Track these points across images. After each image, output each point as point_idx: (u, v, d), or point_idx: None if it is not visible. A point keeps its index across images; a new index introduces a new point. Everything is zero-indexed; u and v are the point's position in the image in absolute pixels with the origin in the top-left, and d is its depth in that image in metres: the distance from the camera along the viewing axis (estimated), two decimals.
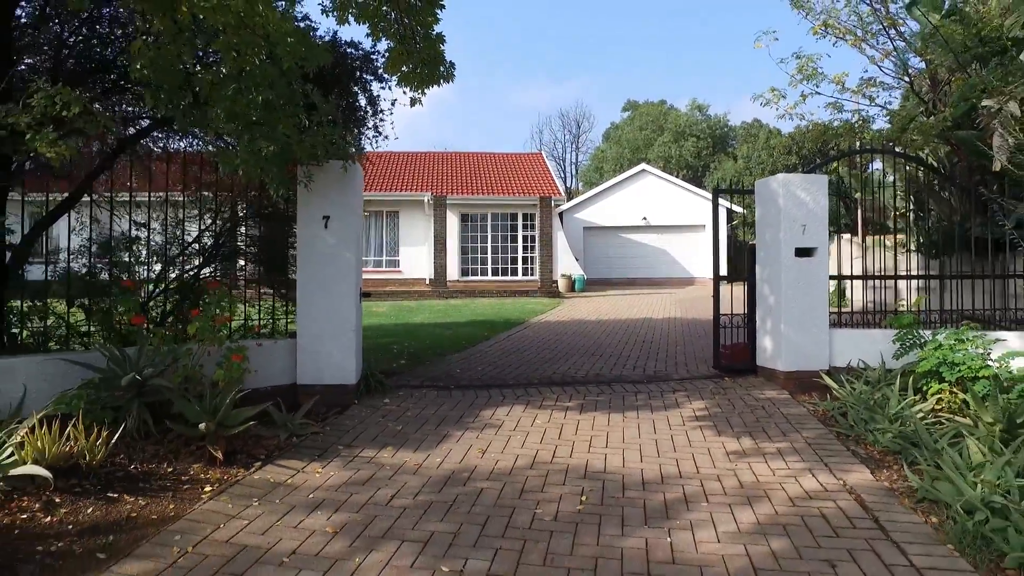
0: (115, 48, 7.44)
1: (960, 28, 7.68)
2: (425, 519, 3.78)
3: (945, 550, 3.34)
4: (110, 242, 6.12)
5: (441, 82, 7.22)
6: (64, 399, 4.32)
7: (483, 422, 5.67)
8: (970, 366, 5.46)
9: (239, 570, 3.19)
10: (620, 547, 3.43)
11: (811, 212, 6.79)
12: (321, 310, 6.01)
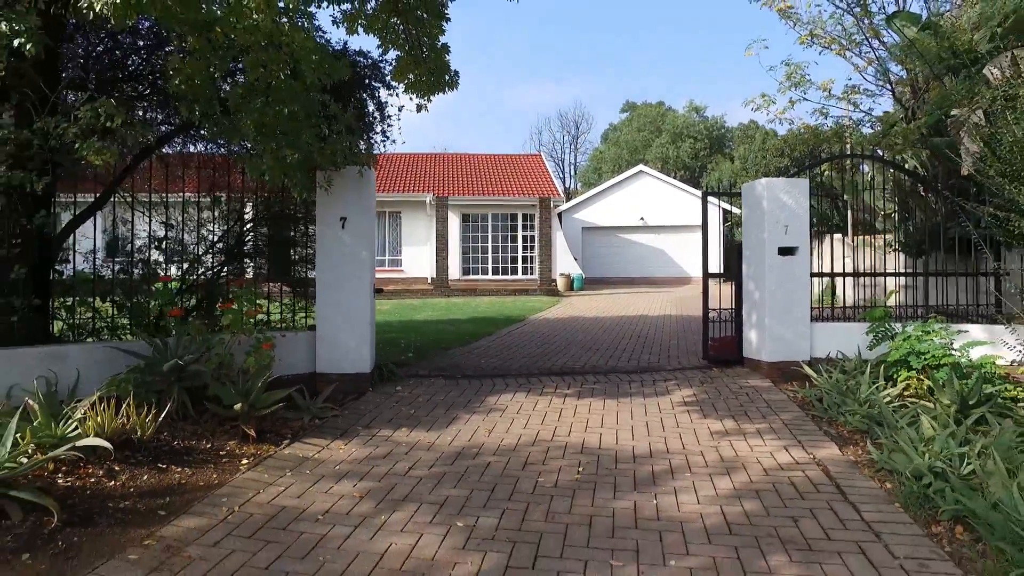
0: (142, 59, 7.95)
1: (934, 41, 8.18)
2: (440, 486, 4.27)
3: (893, 508, 3.84)
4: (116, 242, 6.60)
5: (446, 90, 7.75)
6: (115, 382, 4.81)
7: (488, 407, 6.17)
8: (934, 355, 5.97)
9: (281, 525, 3.69)
10: (612, 507, 3.93)
11: (793, 213, 7.29)
12: (339, 304, 6.51)
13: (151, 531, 3.55)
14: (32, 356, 4.93)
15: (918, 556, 3.28)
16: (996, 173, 5.86)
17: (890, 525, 3.62)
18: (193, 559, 3.28)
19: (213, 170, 7.07)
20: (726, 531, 3.60)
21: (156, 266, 6.93)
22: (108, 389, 4.70)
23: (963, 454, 4.06)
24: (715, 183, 34.28)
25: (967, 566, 3.16)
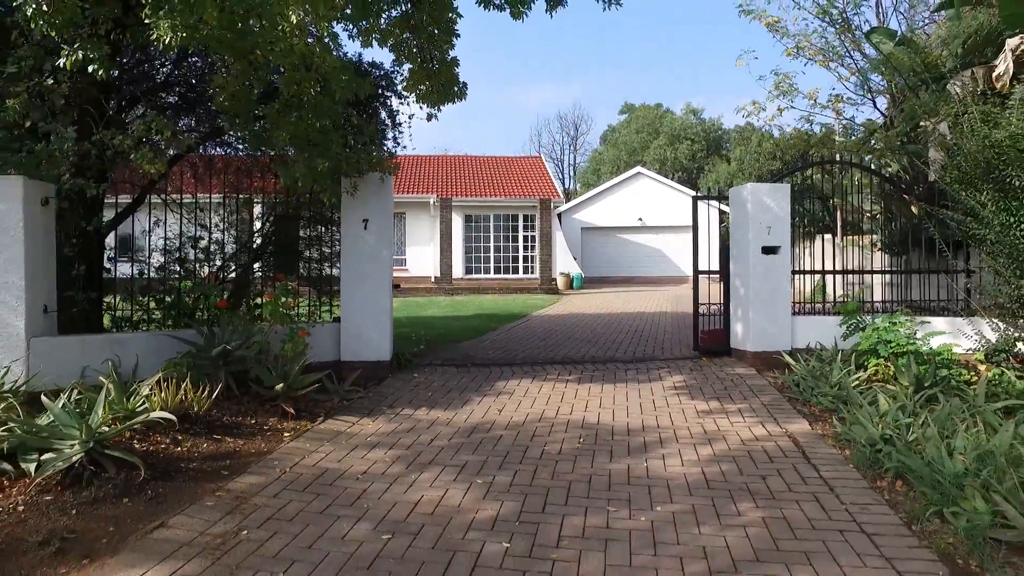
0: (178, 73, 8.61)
1: (907, 56, 8.85)
2: (459, 454, 4.93)
3: (848, 468, 4.51)
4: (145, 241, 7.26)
5: (455, 100, 8.44)
6: (172, 365, 5.47)
7: (498, 390, 6.83)
8: (899, 344, 6.64)
9: (327, 482, 4.35)
10: (608, 469, 4.59)
11: (775, 216, 7.95)
12: (361, 298, 7.17)
13: (219, 485, 4.22)
14: (100, 342, 5.59)
15: (861, 502, 3.94)
16: (953, 180, 6.52)
17: (843, 481, 4.29)
18: (259, 506, 3.95)
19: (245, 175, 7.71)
20: (704, 486, 4.27)
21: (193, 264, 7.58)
22: (167, 371, 5.36)
23: (909, 424, 4.73)
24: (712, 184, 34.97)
25: (897, 508, 3.83)
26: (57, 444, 4.12)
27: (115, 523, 3.64)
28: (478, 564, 3.26)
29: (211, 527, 3.65)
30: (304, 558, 3.32)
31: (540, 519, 3.79)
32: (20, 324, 5.20)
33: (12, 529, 3.48)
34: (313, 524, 3.72)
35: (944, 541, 3.41)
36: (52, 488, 3.92)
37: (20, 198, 5.21)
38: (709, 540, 3.51)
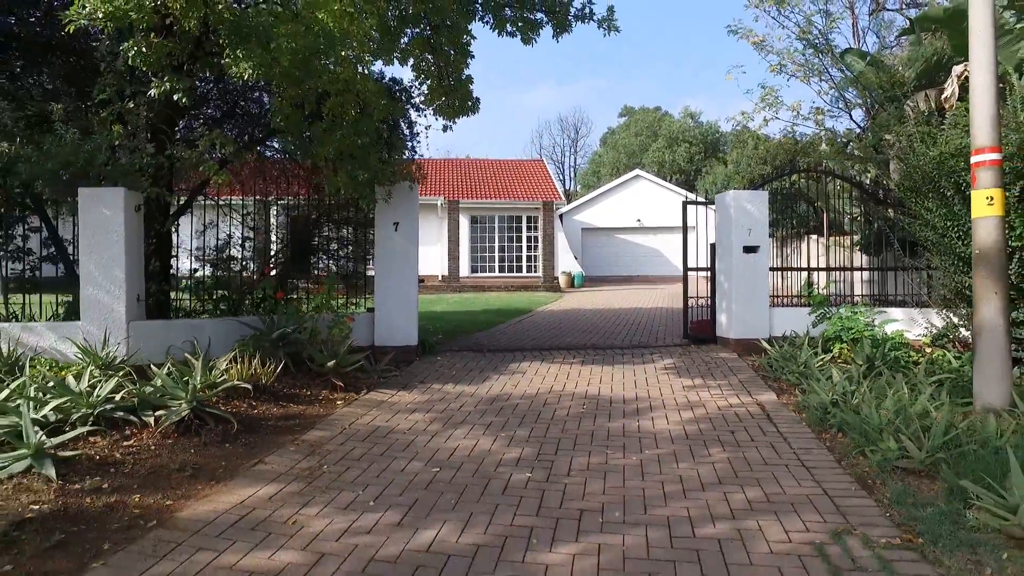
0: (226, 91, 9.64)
1: (875, 76, 9.91)
2: (484, 416, 5.98)
3: (802, 426, 5.56)
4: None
5: (469, 114, 9.52)
6: (241, 345, 6.52)
7: (511, 370, 7.88)
8: (858, 330, 7.70)
9: (381, 435, 5.40)
10: (607, 426, 5.64)
11: (755, 219, 9.00)
12: (392, 291, 8.22)
13: (295, 437, 5.28)
14: (180, 325, 6.65)
15: (806, 447, 4.99)
16: (906, 189, 7.57)
17: (796, 434, 5.34)
18: (330, 451, 5.00)
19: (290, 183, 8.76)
20: (684, 438, 5.32)
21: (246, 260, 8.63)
22: (239, 350, 6.41)
23: (853, 391, 5.78)
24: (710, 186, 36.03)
25: (834, 451, 4.89)
26: (169, 402, 5.18)
27: (225, 460, 4.70)
28: (509, 486, 4.31)
29: (298, 464, 4.70)
30: (375, 483, 4.37)
31: (553, 459, 4.84)
32: (122, 310, 6.26)
33: (154, 460, 4.53)
34: (376, 462, 4.77)
35: (861, 470, 4.46)
36: (170, 435, 4.97)
37: (122, 206, 6.27)
38: (684, 471, 4.56)
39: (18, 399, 4.83)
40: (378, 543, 3.52)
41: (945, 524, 3.54)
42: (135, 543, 3.48)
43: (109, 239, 6.25)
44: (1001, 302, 5.27)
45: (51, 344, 6.23)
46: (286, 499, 4.09)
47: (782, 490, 4.20)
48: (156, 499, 4.02)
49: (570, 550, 3.44)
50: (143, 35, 6.23)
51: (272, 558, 3.35)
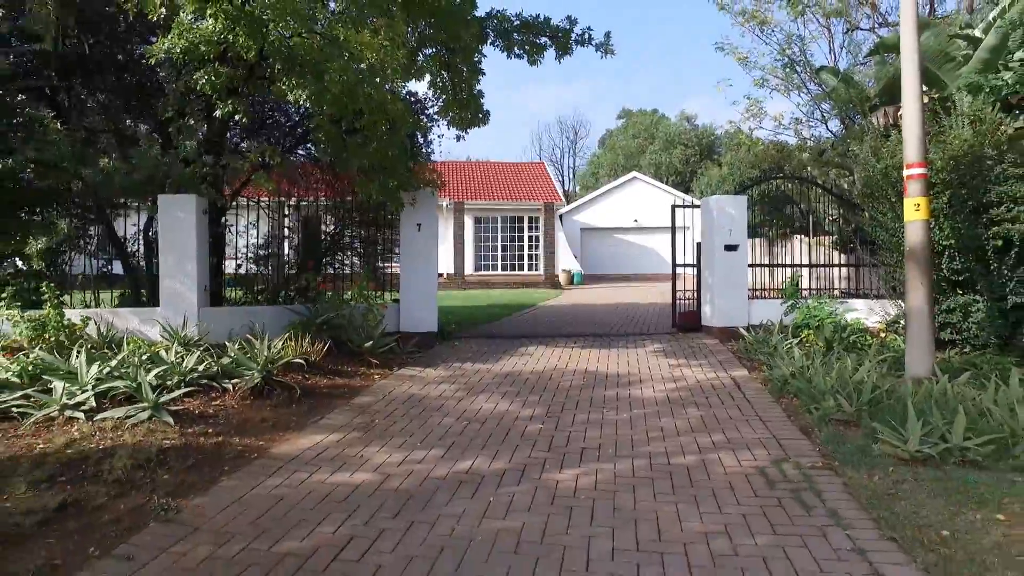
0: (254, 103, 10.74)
1: (844, 92, 11.06)
2: (500, 387, 7.12)
3: (764, 393, 6.70)
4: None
5: (480, 125, 10.63)
6: (291, 328, 7.65)
7: (521, 353, 9.03)
8: (822, 318, 8.84)
9: (416, 401, 6.54)
10: (603, 394, 6.79)
11: (735, 221, 10.13)
12: (415, 284, 9.35)
13: (346, 401, 6.42)
14: (239, 312, 7.79)
15: (765, 408, 6.14)
16: (864, 195, 8.72)
17: (758, 399, 6.49)
18: (377, 411, 6.14)
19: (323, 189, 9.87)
20: (666, 401, 6.47)
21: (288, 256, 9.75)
22: (291, 333, 7.54)
23: (808, 366, 6.93)
24: (704, 187, 37.20)
25: (787, 410, 6.03)
26: (244, 372, 6.31)
27: (294, 416, 5.84)
28: (525, 433, 5.46)
29: (353, 419, 5.84)
30: (418, 432, 5.51)
31: (560, 415, 5.99)
32: (194, 298, 7.39)
33: (240, 415, 5.67)
34: (416, 419, 5.92)
35: (805, 422, 5.61)
36: (246, 398, 6.10)
37: (193, 210, 7.41)
38: (665, 423, 5.71)
39: (123, 368, 5.97)
40: (428, 469, 4.66)
41: (856, 454, 4.69)
42: (246, 467, 4.62)
43: (183, 238, 7.39)
44: (927, 291, 6.42)
45: (135, 327, 7.36)
46: (350, 442, 5.24)
47: (740, 436, 5.35)
48: (251, 441, 5.16)
49: (574, 472, 4.58)
50: (211, 65, 7.36)
51: (351, 477, 4.49)
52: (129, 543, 3.50)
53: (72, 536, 3.54)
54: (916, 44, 6.37)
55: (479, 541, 3.56)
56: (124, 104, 8.47)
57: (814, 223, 15.32)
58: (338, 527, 3.74)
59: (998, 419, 4.80)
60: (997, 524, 3.57)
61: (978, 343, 7.38)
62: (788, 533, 3.60)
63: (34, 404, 5.42)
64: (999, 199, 6.92)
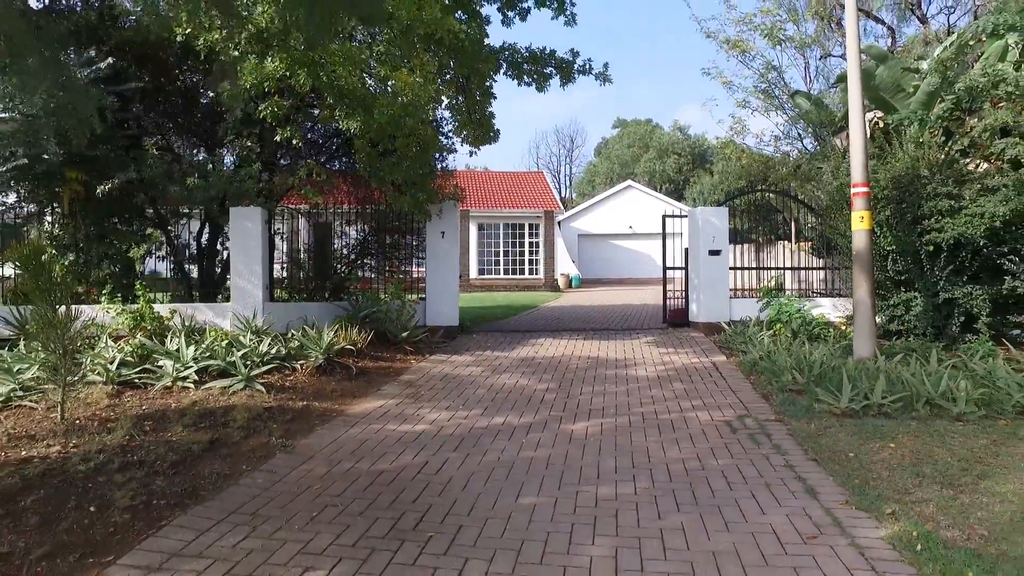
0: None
1: (815, 114, 12.53)
2: (518, 368, 8.51)
3: (737, 373, 8.11)
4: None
5: (491, 142, 12.04)
6: (338, 321, 9.02)
7: (532, 343, 10.42)
8: (791, 313, 10.26)
9: (450, 377, 7.92)
10: (604, 373, 8.19)
11: (718, 229, 11.56)
12: (439, 284, 10.74)
13: (394, 378, 7.80)
14: (294, 307, 9.17)
15: (736, 382, 7.55)
16: (827, 208, 10.16)
17: (732, 376, 7.89)
18: (420, 385, 7.52)
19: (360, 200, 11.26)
20: (656, 379, 7.87)
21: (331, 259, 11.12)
22: (341, 324, 8.91)
23: (773, 350, 8.34)
24: (697, 195, 38.74)
25: (753, 383, 7.45)
26: (308, 354, 7.68)
27: (356, 388, 7.22)
28: (543, 400, 6.85)
29: (403, 391, 7.22)
30: (458, 398, 6.90)
31: (570, 388, 7.38)
32: (259, 295, 8.77)
33: (313, 387, 7.05)
34: (453, 391, 7.30)
35: (766, 391, 7.02)
36: (313, 375, 7.47)
37: (259, 220, 8.79)
38: (655, 393, 7.11)
39: (211, 350, 7.34)
40: (472, 422, 6.04)
41: (801, 411, 6.10)
42: (331, 421, 6.00)
43: (251, 244, 8.76)
44: (869, 288, 7.84)
45: (210, 319, 8.73)
46: (405, 405, 6.62)
47: (714, 401, 6.76)
48: (328, 404, 6.54)
49: (584, 424, 5.98)
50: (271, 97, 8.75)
51: (414, 427, 5.88)
52: (266, 465, 4.87)
53: (227, 459, 4.91)
54: (860, 90, 7.83)
55: (519, 462, 4.95)
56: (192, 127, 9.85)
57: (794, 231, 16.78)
58: (414, 456, 5.12)
59: (909, 385, 6.22)
60: (887, 449, 4.98)
61: (918, 332, 8.80)
62: (741, 458, 5.00)
63: (152, 376, 6.79)
64: (930, 212, 8.35)
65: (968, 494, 4.08)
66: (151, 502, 4.08)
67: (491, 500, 4.22)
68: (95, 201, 8.61)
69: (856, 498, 4.11)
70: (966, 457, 4.74)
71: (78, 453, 4.73)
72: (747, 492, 4.31)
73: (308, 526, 3.82)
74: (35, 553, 3.38)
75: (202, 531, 3.74)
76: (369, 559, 3.43)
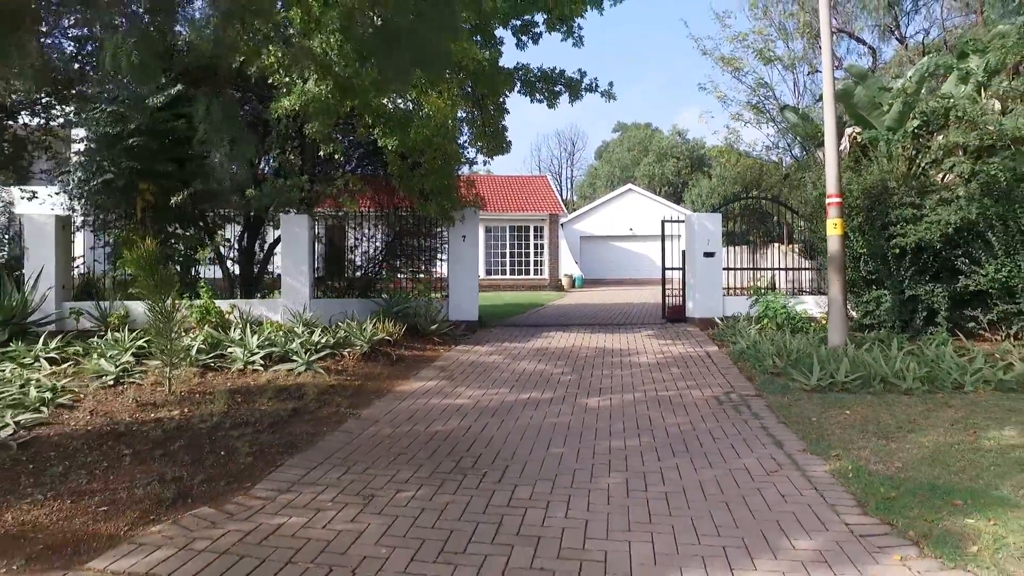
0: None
1: (803, 128, 13.71)
2: (535, 356, 9.68)
3: (728, 360, 9.28)
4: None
5: (503, 153, 13.20)
6: (374, 315, 10.19)
7: (544, 336, 11.60)
8: (776, 309, 11.44)
9: (477, 364, 9.10)
10: (611, 360, 9.36)
11: (712, 233, 12.74)
12: (461, 283, 11.92)
13: (428, 364, 8.98)
14: (336, 302, 10.35)
15: (725, 367, 8.73)
16: (809, 214, 11.33)
17: (722, 363, 9.07)
18: (452, 370, 8.70)
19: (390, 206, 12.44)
20: (656, 364, 9.04)
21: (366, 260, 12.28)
22: (377, 318, 10.08)
23: (758, 341, 9.51)
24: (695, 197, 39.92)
25: (740, 368, 8.62)
26: (354, 343, 8.86)
27: (398, 372, 8.39)
28: (559, 381, 8.03)
29: (438, 374, 8.40)
30: (486, 380, 8.07)
31: (582, 372, 8.56)
32: (307, 292, 9.94)
33: (362, 371, 8.22)
34: (482, 374, 8.47)
35: (750, 374, 8.20)
36: (359, 361, 8.64)
37: (306, 225, 9.97)
38: (655, 376, 8.28)
39: (271, 339, 8.51)
40: (502, 397, 7.22)
41: (778, 388, 7.28)
42: (384, 397, 7.18)
43: (299, 247, 9.94)
44: (841, 285, 9.01)
45: (263, 312, 9.91)
46: (444, 385, 7.80)
47: (705, 382, 7.93)
48: (378, 384, 7.72)
49: (596, 399, 7.15)
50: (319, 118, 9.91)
51: (455, 401, 7.05)
52: (342, 428, 6.04)
53: (309, 423, 6.08)
54: (833, 116, 9.01)
55: (546, 426, 6.12)
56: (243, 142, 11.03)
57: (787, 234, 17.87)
58: (460, 421, 6.29)
59: (869, 367, 7.39)
60: (843, 415, 6.16)
61: (888, 325, 9.97)
62: (725, 422, 6.18)
63: (225, 361, 7.97)
64: (896, 220, 9.53)
65: (897, 443, 5.26)
66: (264, 450, 5.25)
67: (527, 450, 5.40)
68: (162, 209, 9.79)
69: (811, 447, 5.29)
70: (903, 419, 5.92)
71: (195, 416, 5.91)
72: (728, 445, 5.48)
73: (389, 466, 5.00)
74: (196, 479, 4.56)
75: (309, 469, 4.92)
76: (442, 486, 4.60)
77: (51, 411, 5.88)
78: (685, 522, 3.95)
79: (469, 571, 3.37)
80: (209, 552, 3.56)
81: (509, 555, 3.53)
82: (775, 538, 3.71)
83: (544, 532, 3.82)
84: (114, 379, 7.04)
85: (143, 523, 3.91)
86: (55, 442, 5.23)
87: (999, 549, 3.37)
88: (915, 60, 13.43)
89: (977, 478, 4.41)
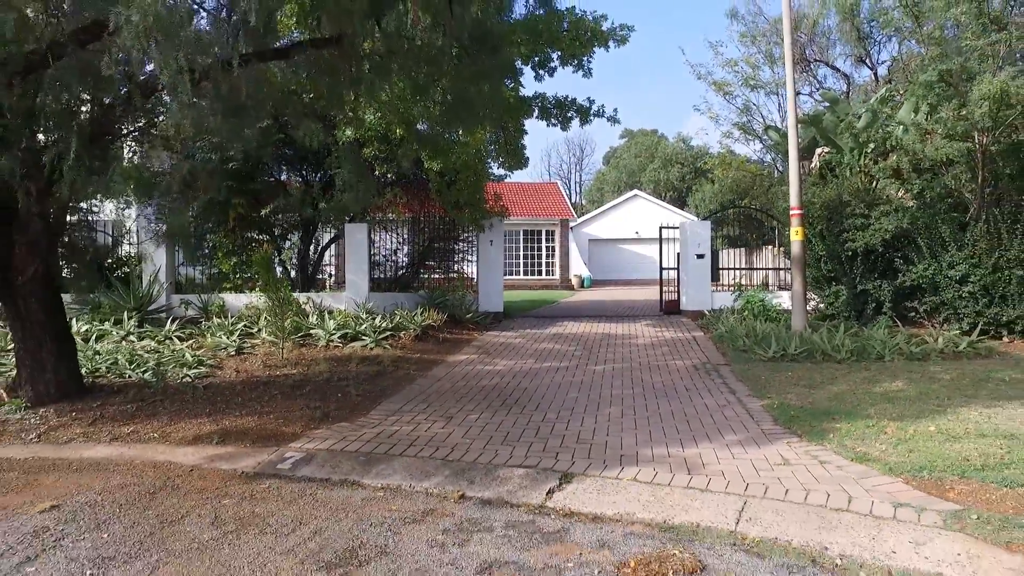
0: None
1: (784, 146, 15.79)
2: (552, 340, 11.84)
3: (710, 342, 11.40)
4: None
5: (522, 167, 15.38)
6: (422, 305, 12.39)
7: (559, 325, 13.77)
8: (755, 302, 13.54)
9: (508, 344, 11.28)
10: (615, 342, 11.51)
11: (703, 238, 14.86)
12: (488, 280, 14.10)
13: (467, 344, 11.17)
14: (388, 296, 12.56)
15: (706, 346, 10.86)
16: (784, 223, 13.41)
17: (704, 343, 11.19)
18: (487, 349, 10.88)
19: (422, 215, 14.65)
20: (651, 344, 11.18)
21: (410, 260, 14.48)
22: (422, 308, 12.27)
23: (735, 325, 11.62)
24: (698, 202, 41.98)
25: (719, 348, 10.75)
26: (408, 326, 11.06)
27: (445, 349, 10.58)
28: (573, 355, 10.19)
29: (477, 351, 10.58)
30: (516, 355, 10.24)
31: (591, 351, 10.72)
32: (366, 287, 12.15)
33: (416, 348, 10.42)
34: (512, 351, 10.64)
35: (725, 351, 10.32)
36: (413, 340, 10.82)
37: (366, 232, 12.18)
38: (649, 352, 10.42)
39: (343, 323, 10.71)
40: (530, 366, 9.38)
41: (744, 359, 9.41)
42: (438, 365, 9.37)
43: (360, 249, 12.15)
44: (802, 282, 11.11)
45: (331, 304, 12.12)
46: (482, 358, 9.97)
47: (688, 356, 10.07)
48: (432, 357, 9.90)
49: (602, 367, 9.31)
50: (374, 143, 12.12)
51: (494, 368, 9.22)
52: (415, 383, 8.22)
53: (390, 379, 8.27)
54: (795, 141, 11.12)
55: (564, 383, 8.28)
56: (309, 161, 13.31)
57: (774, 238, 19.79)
58: (500, 380, 8.46)
59: (815, 343, 9.50)
60: (786, 375, 8.28)
61: (845, 315, 12.05)
62: (697, 381, 8.31)
63: (310, 339, 10.18)
64: (849, 227, 11.62)
65: (815, 391, 7.39)
66: (366, 395, 7.44)
67: (552, 396, 7.56)
68: (245, 219, 12.03)
69: (755, 392, 7.43)
70: (827, 377, 8.05)
71: (309, 373, 8.12)
72: (697, 393, 7.62)
73: (456, 403, 7.17)
74: (330, 408, 6.75)
75: (403, 404, 7.10)
76: (496, 413, 6.76)
77: (207, 369, 8.11)
78: (658, 429, 6.10)
79: (522, 447, 5.53)
80: (359, 441, 5.74)
81: (546, 442, 5.70)
82: (714, 435, 5.86)
83: (566, 433, 5.98)
84: (235, 349, 9.26)
85: (310, 428, 6.10)
86: (223, 387, 7.45)
87: (845, 436, 5.51)
88: (884, 85, 15.47)
89: (856, 406, 6.54)
